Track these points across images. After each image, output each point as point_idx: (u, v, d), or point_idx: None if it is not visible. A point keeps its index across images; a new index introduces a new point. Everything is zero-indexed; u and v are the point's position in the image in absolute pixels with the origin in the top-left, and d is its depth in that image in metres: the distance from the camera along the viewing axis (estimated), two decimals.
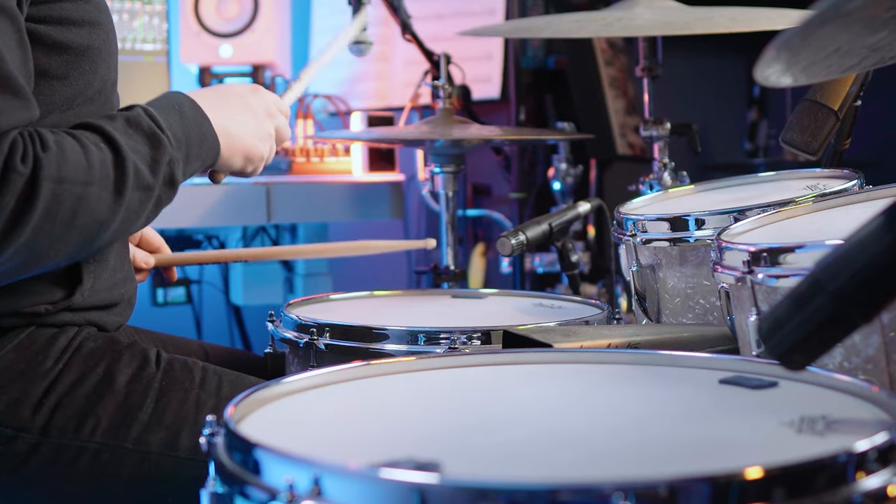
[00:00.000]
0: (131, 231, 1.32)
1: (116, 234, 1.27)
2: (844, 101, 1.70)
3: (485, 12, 3.32)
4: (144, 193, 1.27)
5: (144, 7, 3.19)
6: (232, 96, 1.47)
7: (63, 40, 1.30)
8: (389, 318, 1.68)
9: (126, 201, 1.24)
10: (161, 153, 1.29)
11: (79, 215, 1.20)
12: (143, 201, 1.27)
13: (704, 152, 4.18)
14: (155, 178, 1.28)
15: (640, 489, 0.73)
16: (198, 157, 1.37)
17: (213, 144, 1.40)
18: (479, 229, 3.58)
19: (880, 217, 0.81)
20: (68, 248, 1.23)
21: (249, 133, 1.46)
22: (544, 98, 3.51)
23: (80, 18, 1.31)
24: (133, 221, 1.28)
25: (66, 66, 1.31)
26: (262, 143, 1.49)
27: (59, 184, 1.18)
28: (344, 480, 0.76)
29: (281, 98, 1.60)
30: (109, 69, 1.39)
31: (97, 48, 1.34)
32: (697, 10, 2.10)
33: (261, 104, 1.50)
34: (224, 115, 1.43)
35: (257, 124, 1.48)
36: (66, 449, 1.28)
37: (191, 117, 1.37)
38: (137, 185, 1.25)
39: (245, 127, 1.46)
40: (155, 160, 1.28)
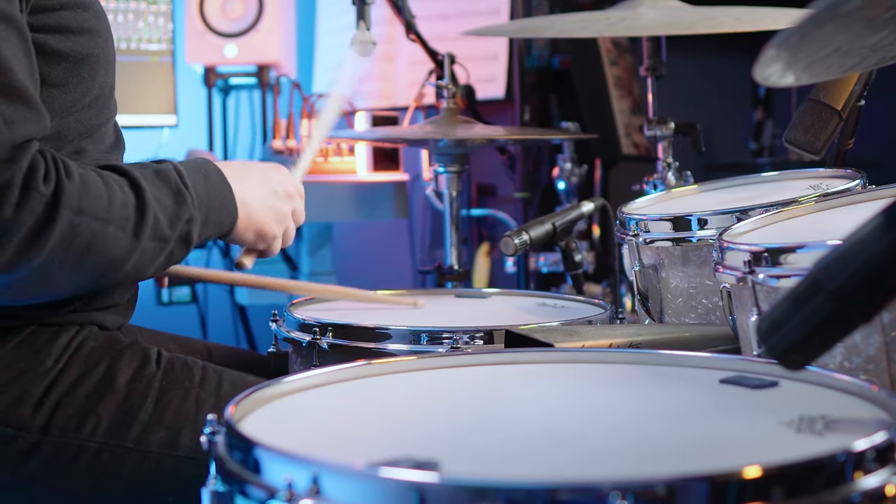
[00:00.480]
0: (140, 278, 1.34)
1: (126, 277, 1.29)
2: (848, 100, 1.70)
3: (490, 12, 3.33)
4: (159, 244, 1.28)
5: (150, 7, 3.21)
6: (256, 171, 1.49)
7: (62, 49, 1.30)
8: (392, 317, 1.69)
9: (141, 247, 1.26)
10: (183, 209, 1.30)
11: (92, 250, 1.21)
12: (156, 251, 1.29)
13: (710, 152, 4.18)
14: (172, 232, 1.29)
15: (638, 488, 0.73)
16: (216, 223, 1.38)
17: (232, 212, 1.41)
18: (483, 229, 3.58)
19: (879, 217, 0.81)
20: (78, 280, 1.25)
21: (267, 210, 1.47)
22: (549, 98, 3.51)
23: (78, 27, 1.31)
24: (144, 269, 1.29)
25: (64, 74, 1.31)
26: (277, 223, 1.49)
27: (77, 214, 1.18)
28: (342, 479, 0.76)
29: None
30: (108, 75, 1.39)
31: (95, 56, 1.34)
32: (701, 10, 2.10)
33: (282, 184, 1.51)
34: (245, 188, 1.44)
35: (275, 203, 1.49)
36: (66, 448, 1.28)
37: (215, 182, 1.38)
38: (154, 235, 1.27)
39: (264, 203, 1.47)
40: (176, 214, 1.30)
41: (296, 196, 1.54)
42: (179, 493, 1.27)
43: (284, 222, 1.51)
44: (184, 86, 3.40)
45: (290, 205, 1.52)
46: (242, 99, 3.69)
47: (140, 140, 3.42)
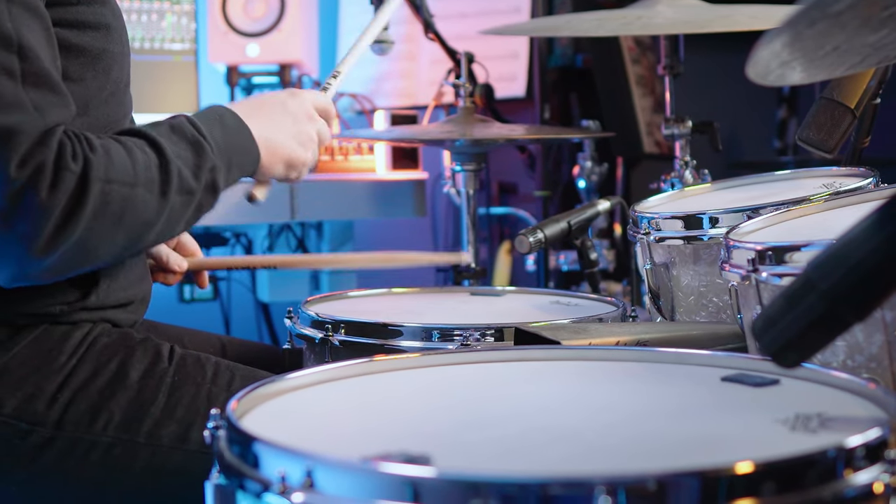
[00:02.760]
0: (174, 234, 1.35)
1: (160, 236, 1.31)
2: (862, 98, 1.70)
3: (510, 11, 3.33)
4: (187, 197, 1.30)
5: (173, 7, 3.23)
6: (270, 104, 1.48)
7: (79, 43, 1.32)
8: (405, 314, 1.70)
9: (170, 204, 1.27)
10: (204, 159, 1.31)
11: (126, 215, 1.23)
12: (185, 205, 1.30)
13: (734, 150, 4.17)
14: (198, 183, 1.30)
15: (629, 483, 0.74)
16: (239, 166, 1.39)
17: (253, 152, 1.41)
18: (505, 227, 3.59)
19: (872, 216, 0.82)
20: (115, 247, 1.26)
21: (290, 139, 1.46)
22: (569, 96, 3.51)
23: (95, 22, 1.34)
24: (176, 224, 1.31)
25: (81, 68, 1.33)
26: (303, 147, 1.48)
27: (107, 183, 1.20)
28: (335, 473, 0.77)
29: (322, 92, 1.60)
30: (122, 71, 1.41)
31: (111, 51, 1.36)
32: (718, 8, 2.10)
33: (300, 108, 1.50)
34: (263, 123, 1.43)
35: (298, 129, 1.48)
36: (79, 442, 1.30)
37: (231, 126, 1.38)
38: (181, 189, 1.28)
39: (285, 133, 1.46)
40: (198, 166, 1.31)
41: (316, 116, 1.52)
42: (190, 487, 1.28)
43: (310, 146, 1.50)
44: (206, 85, 3.42)
45: (312, 125, 1.51)
46: None
47: None
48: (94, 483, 1.32)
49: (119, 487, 1.32)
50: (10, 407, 1.28)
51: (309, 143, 1.49)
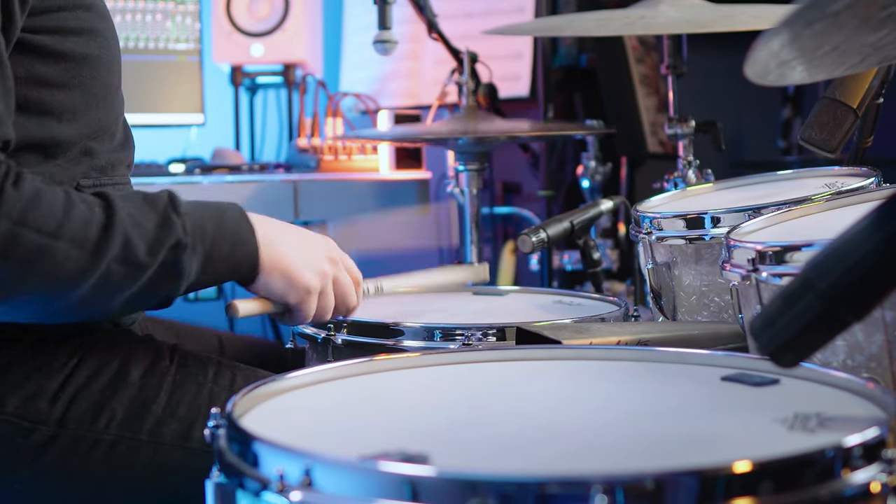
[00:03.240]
0: (110, 307, 1.24)
1: (89, 302, 1.21)
2: (864, 98, 1.70)
3: (514, 10, 3.34)
4: (132, 271, 1.20)
5: (177, 7, 3.24)
6: (294, 228, 1.39)
7: (60, 49, 1.31)
8: (407, 314, 1.70)
9: (103, 270, 1.18)
10: (166, 236, 1.22)
11: (37, 265, 1.15)
12: (127, 277, 1.20)
13: (739, 150, 4.17)
14: (151, 259, 1.21)
15: (627, 482, 0.74)
16: (227, 259, 1.28)
17: (251, 252, 1.30)
18: (509, 227, 3.59)
19: (870, 216, 0.82)
20: (27, 293, 1.19)
21: (299, 259, 1.35)
22: (573, 96, 3.51)
23: (78, 27, 1.32)
24: (112, 295, 1.22)
25: (64, 74, 1.32)
26: (312, 274, 1.36)
27: (17, 225, 1.14)
28: (334, 472, 0.77)
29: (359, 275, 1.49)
30: (111, 74, 1.40)
31: (96, 56, 1.35)
32: (720, 8, 2.10)
33: (324, 246, 1.40)
34: (275, 231, 1.35)
35: (311, 256, 1.37)
36: (81, 440, 1.30)
37: (231, 218, 1.30)
38: (123, 259, 1.19)
39: (294, 250, 1.35)
40: (157, 241, 1.22)
41: (337, 261, 1.42)
42: (192, 485, 1.28)
43: (323, 280, 1.38)
44: (211, 85, 3.43)
45: (331, 267, 1.40)
46: (269, 98, 3.72)
47: (168, 138, 3.47)
48: (96, 481, 1.32)
49: (121, 485, 1.33)
50: (11, 405, 1.29)
51: (322, 277, 1.38)
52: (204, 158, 3.22)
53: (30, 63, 1.29)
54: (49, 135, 1.31)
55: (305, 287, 1.36)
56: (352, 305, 1.45)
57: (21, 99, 1.29)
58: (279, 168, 3.03)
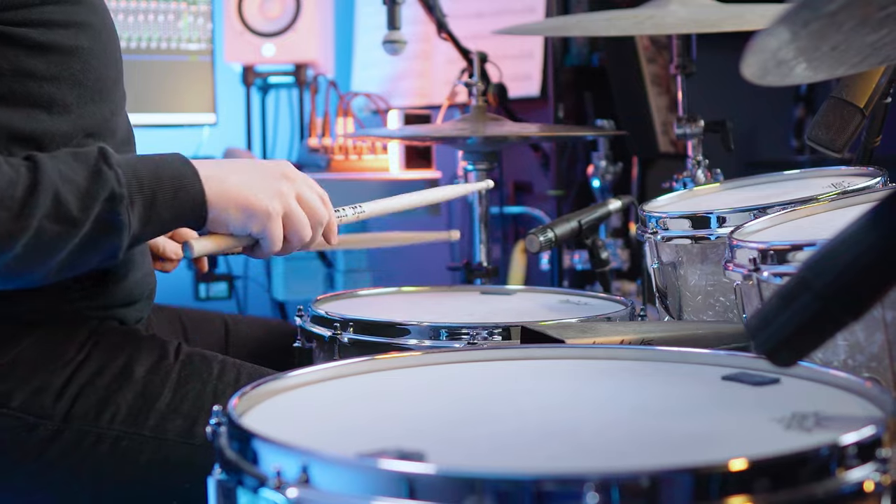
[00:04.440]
0: (50, 267, 1.22)
1: (26, 263, 1.19)
2: (871, 98, 1.70)
3: (525, 10, 3.34)
4: (65, 227, 1.18)
5: (189, 7, 3.26)
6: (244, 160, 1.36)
7: (44, 41, 1.31)
8: (414, 313, 1.71)
9: (33, 229, 1.17)
10: (99, 188, 1.20)
11: None
12: (62, 235, 1.19)
13: (751, 149, 4.16)
14: (84, 213, 1.19)
15: (623, 480, 0.74)
16: (170, 205, 1.26)
17: (195, 194, 1.27)
18: (520, 226, 3.59)
19: (866, 216, 0.82)
20: None
21: (251, 186, 1.31)
22: (584, 96, 3.51)
23: (64, 20, 1.32)
24: (49, 254, 1.20)
25: (51, 66, 1.32)
26: (269, 198, 1.32)
27: None
28: (330, 469, 0.78)
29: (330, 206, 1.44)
30: (107, 68, 1.40)
31: (87, 48, 1.35)
32: (729, 8, 2.10)
33: (277, 166, 1.36)
34: (220, 168, 1.31)
35: (264, 179, 1.33)
36: (86, 436, 1.32)
37: (170, 165, 1.28)
38: (55, 217, 1.18)
39: (245, 179, 1.31)
40: (89, 195, 1.19)
41: (293, 176, 1.36)
42: (195, 480, 1.30)
43: (283, 200, 1.33)
44: (223, 84, 3.45)
45: (289, 185, 1.35)
46: (281, 97, 3.74)
47: (181, 138, 3.48)
48: (100, 476, 1.33)
49: (125, 480, 1.34)
50: (17, 400, 1.30)
51: (281, 196, 1.33)
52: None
53: (14, 55, 1.30)
54: (40, 128, 1.32)
55: (265, 211, 1.32)
56: (323, 219, 1.39)
57: (6, 91, 1.30)
58: None
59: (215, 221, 1.31)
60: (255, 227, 1.32)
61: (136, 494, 1.35)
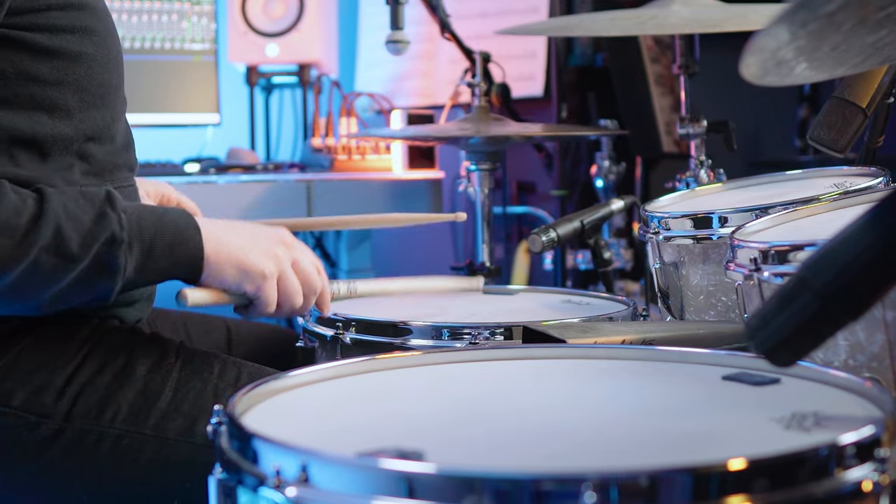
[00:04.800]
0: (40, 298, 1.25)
1: (19, 291, 1.22)
2: (873, 98, 1.69)
3: (528, 10, 3.34)
4: (63, 262, 1.21)
5: (193, 8, 3.26)
6: (245, 223, 1.39)
7: (50, 46, 1.32)
8: (416, 313, 1.71)
9: (32, 259, 1.20)
10: (101, 229, 1.23)
11: None
12: (59, 269, 1.22)
13: (755, 149, 4.15)
14: (83, 252, 1.22)
15: (621, 479, 0.75)
16: (167, 257, 1.29)
17: (193, 250, 1.30)
18: (523, 226, 3.59)
19: (865, 216, 0.82)
20: None
21: (248, 247, 1.34)
22: (587, 96, 3.51)
23: (69, 25, 1.34)
24: (43, 285, 1.23)
25: (56, 71, 1.33)
26: (264, 258, 1.35)
27: None
28: (329, 468, 0.78)
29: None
30: (109, 73, 1.41)
31: (91, 54, 1.36)
32: (732, 8, 2.10)
33: (276, 233, 1.40)
34: (224, 229, 1.35)
35: (262, 243, 1.36)
36: (87, 434, 1.32)
37: (173, 216, 1.31)
38: (55, 250, 1.21)
39: (243, 241, 1.35)
40: (91, 235, 1.23)
41: (292, 244, 1.40)
42: (196, 479, 1.30)
43: (279, 263, 1.36)
44: (226, 85, 3.45)
45: (286, 251, 1.38)
46: (284, 98, 3.74)
47: (184, 138, 3.48)
48: (101, 474, 1.33)
49: (126, 479, 1.34)
50: (18, 399, 1.30)
51: (273, 258, 1.36)
52: (219, 158, 3.24)
53: (19, 59, 1.31)
54: (42, 131, 1.33)
55: (260, 272, 1.35)
56: (317, 287, 1.42)
57: (10, 94, 1.31)
58: (293, 168, 3.04)
59: (210, 277, 1.34)
60: (249, 287, 1.35)
61: (136, 493, 1.35)
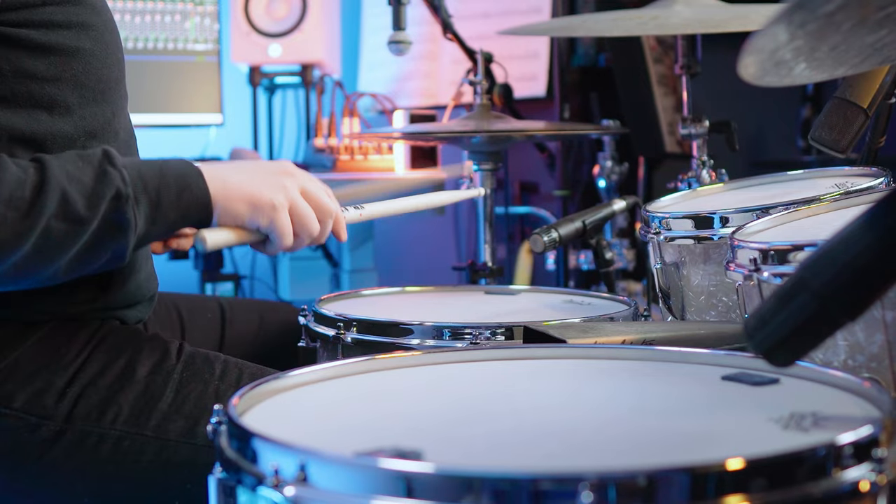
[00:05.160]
0: (58, 265, 1.23)
1: (34, 263, 1.21)
2: (875, 98, 1.69)
3: (531, 11, 3.34)
4: (73, 226, 1.20)
5: (196, 8, 3.27)
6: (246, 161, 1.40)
7: (46, 42, 1.32)
8: (417, 313, 1.71)
9: (41, 228, 1.19)
10: (105, 187, 1.22)
11: None
12: (70, 234, 1.21)
13: (758, 150, 4.15)
14: (91, 212, 1.21)
15: (619, 479, 0.75)
16: (176, 205, 1.28)
17: (200, 193, 1.30)
18: (526, 227, 3.60)
19: (863, 216, 0.82)
20: None
21: (254, 182, 1.34)
22: (590, 96, 3.51)
23: (65, 21, 1.33)
24: (57, 253, 1.22)
25: (52, 67, 1.33)
26: (271, 191, 1.35)
27: None
28: (328, 467, 0.78)
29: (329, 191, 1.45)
30: (108, 68, 1.40)
31: (88, 49, 1.36)
32: (734, 8, 2.10)
33: (279, 164, 1.40)
34: (223, 168, 1.35)
35: (265, 176, 1.36)
36: (88, 436, 1.32)
37: (173, 165, 1.30)
38: (63, 215, 1.19)
39: (247, 176, 1.34)
40: (96, 194, 1.21)
41: (294, 172, 1.39)
42: (197, 480, 1.30)
43: (287, 193, 1.36)
44: (229, 85, 3.46)
45: (292, 181, 1.38)
46: (287, 98, 3.74)
47: (188, 138, 3.49)
48: (103, 476, 1.34)
49: (128, 480, 1.34)
50: (20, 401, 1.31)
51: (279, 188, 1.36)
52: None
53: (16, 56, 1.30)
54: (41, 129, 1.33)
55: (269, 203, 1.34)
56: (330, 210, 1.41)
57: (8, 92, 1.31)
58: None
59: (222, 218, 1.33)
60: (262, 221, 1.35)
61: (137, 494, 1.36)
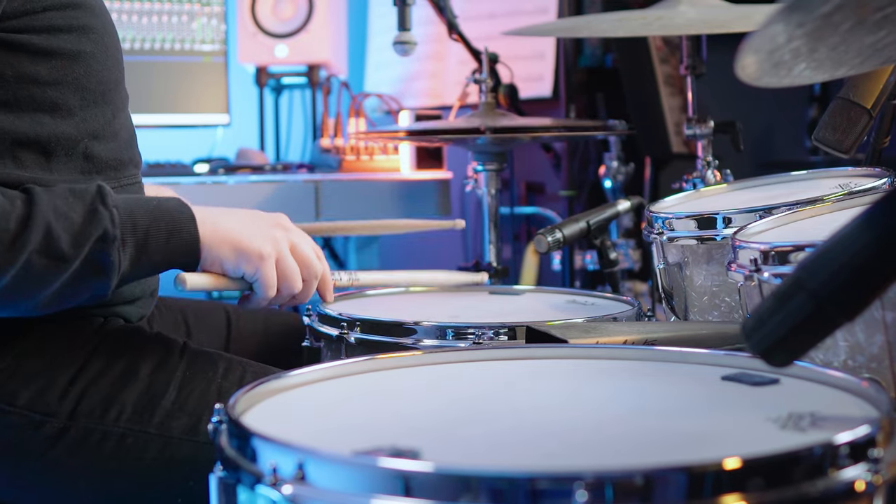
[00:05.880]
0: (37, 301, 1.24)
1: (13, 295, 1.22)
2: (878, 98, 1.69)
3: (537, 11, 3.34)
4: (55, 263, 1.21)
5: (203, 9, 3.27)
6: (241, 210, 1.39)
7: (48, 46, 1.33)
8: (421, 313, 1.71)
9: (23, 262, 1.19)
10: (92, 227, 1.22)
11: None
12: (51, 270, 1.21)
13: (765, 150, 4.15)
14: (76, 251, 1.21)
15: (616, 478, 0.75)
16: (163, 248, 1.28)
17: (189, 239, 1.30)
18: (532, 227, 3.60)
19: (861, 216, 0.82)
20: None
21: (244, 230, 1.35)
22: (596, 97, 3.51)
23: (67, 25, 1.34)
24: (36, 288, 1.22)
25: (54, 71, 1.34)
26: (261, 239, 1.35)
27: None
28: (326, 466, 0.79)
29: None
30: (109, 70, 1.41)
31: (89, 52, 1.37)
32: (739, 9, 2.10)
33: (272, 217, 1.40)
34: (217, 212, 1.35)
35: (258, 226, 1.37)
36: (91, 433, 1.33)
37: (167, 206, 1.30)
38: (45, 251, 1.20)
39: (238, 224, 1.35)
40: (82, 234, 1.22)
41: (288, 226, 1.41)
42: (199, 477, 1.31)
43: (276, 245, 1.37)
44: (236, 85, 3.46)
45: (283, 233, 1.39)
46: (294, 98, 3.75)
47: (194, 139, 3.50)
48: (106, 473, 1.34)
49: (131, 477, 1.35)
50: (23, 399, 1.31)
51: (270, 239, 1.36)
52: (229, 159, 3.26)
53: (18, 62, 1.31)
54: (44, 132, 1.34)
55: (257, 252, 1.35)
56: (317, 271, 1.42)
57: (10, 97, 1.31)
58: (302, 168, 3.05)
59: (208, 262, 1.34)
60: (247, 269, 1.36)
61: (140, 492, 1.36)
